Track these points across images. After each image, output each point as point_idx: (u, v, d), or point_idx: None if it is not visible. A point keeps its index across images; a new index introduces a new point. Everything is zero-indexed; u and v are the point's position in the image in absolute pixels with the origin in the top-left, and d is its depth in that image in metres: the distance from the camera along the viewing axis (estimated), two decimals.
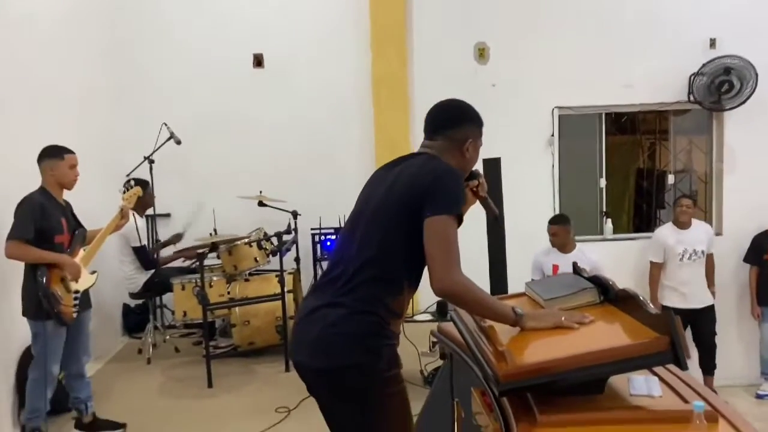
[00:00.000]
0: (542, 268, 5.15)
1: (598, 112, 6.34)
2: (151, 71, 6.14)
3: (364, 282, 1.98)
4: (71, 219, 3.78)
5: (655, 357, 1.70)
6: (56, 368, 3.64)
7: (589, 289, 2.12)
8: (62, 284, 3.57)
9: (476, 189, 2.24)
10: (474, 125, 2.20)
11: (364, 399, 1.99)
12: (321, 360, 1.98)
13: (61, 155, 3.66)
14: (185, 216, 6.01)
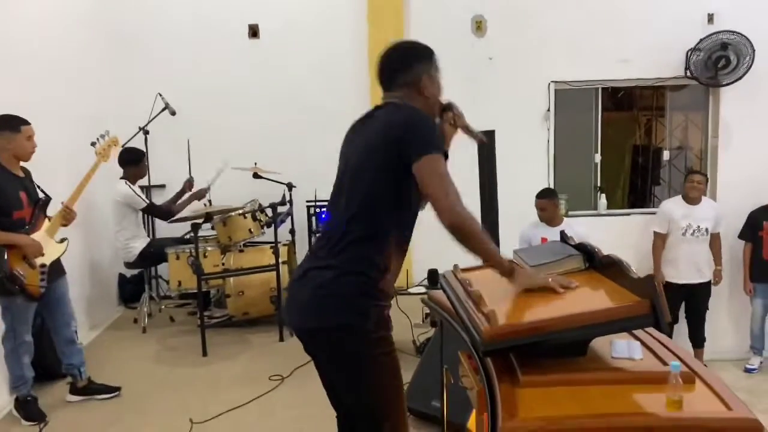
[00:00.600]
0: (530, 240, 5.17)
1: (594, 86, 6.32)
2: (146, 41, 6.10)
3: (350, 242, 2.02)
4: (32, 190, 3.65)
5: (635, 320, 1.73)
6: (29, 336, 3.64)
7: (574, 255, 2.16)
8: (24, 262, 3.46)
9: (454, 121, 2.24)
10: (422, 61, 2.16)
11: (352, 359, 2.03)
12: (311, 321, 2.04)
13: (17, 127, 3.50)
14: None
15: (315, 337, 2.07)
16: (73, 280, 5.02)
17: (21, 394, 3.68)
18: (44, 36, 4.74)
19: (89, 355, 4.65)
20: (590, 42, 6.08)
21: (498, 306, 1.92)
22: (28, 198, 3.60)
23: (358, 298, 2.00)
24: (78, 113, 5.10)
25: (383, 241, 2.02)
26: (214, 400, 3.83)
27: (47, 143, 3.95)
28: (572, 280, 1.97)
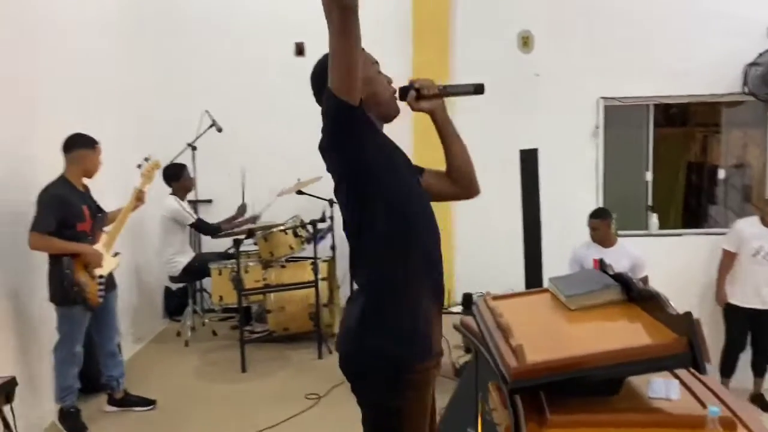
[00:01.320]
0: (582, 262, 5.02)
1: (646, 103, 6.13)
2: (194, 60, 6.23)
3: (354, 265, 1.94)
4: (92, 204, 3.83)
5: (672, 359, 1.63)
6: (80, 347, 3.75)
7: (612, 286, 2.05)
8: (86, 271, 3.64)
9: (420, 98, 2.01)
10: None
11: (375, 390, 1.91)
12: (338, 344, 1.96)
13: (92, 145, 3.75)
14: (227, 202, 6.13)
15: (346, 363, 1.95)
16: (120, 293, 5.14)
17: (65, 405, 3.76)
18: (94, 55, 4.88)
19: (132, 367, 4.77)
20: (642, 57, 5.89)
21: (528, 339, 1.84)
22: (90, 212, 3.77)
23: (386, 319, 1.86)
24: (126, 132, 5.23)
25: (374, 254, 1.92)
26: (249, 419, 3.83)
27: (104, 158, 4.04)
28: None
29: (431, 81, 2.01)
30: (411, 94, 2.00)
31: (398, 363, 1.82)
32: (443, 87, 2.02)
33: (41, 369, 3.83)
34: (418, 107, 2.02)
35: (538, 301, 2.24)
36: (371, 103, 1.90)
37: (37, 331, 3.84)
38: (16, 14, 3.89)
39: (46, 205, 3.53)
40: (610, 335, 1.81)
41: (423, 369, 1.85)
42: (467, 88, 2.02)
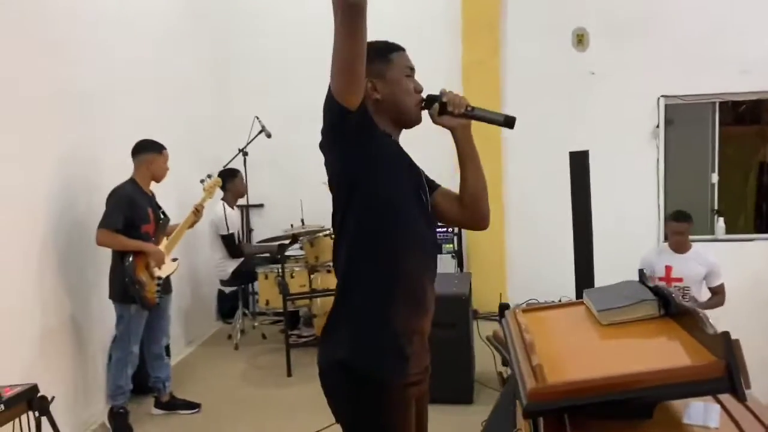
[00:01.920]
0: (653, 268, 4.62)
1: (710, 101, 5.81)
2: (246, 65, 6.31)
3: (340, 276, 1.85)
4: (157, 209, 3.97)
5: (707, 383, 1.48)
6: (136, 348, 3.85)
7: (648, 301, 1.91)
8: (147, 271, 3.78)
9: (444, 113, 1.86)
10: (367, 64, 1.76)
11: (346, 405, 1.84)
12: (318, 357, 1.88)
13: (159, 150, 3.90)
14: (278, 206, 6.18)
15: (320, 377, 1.91)
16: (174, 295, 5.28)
17: (116, 405, 3.85)
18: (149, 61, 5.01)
19: (182, 370, 4.86)
20: (705, 52, 5.60)
21: (552, 357, 1.73)
22: (154, 216, 3.91)
23: (355, 330, 1.78)
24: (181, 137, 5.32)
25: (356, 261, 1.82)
26: (291, 424, 3.82)
27: None
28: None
29: (462, 98, 1.88)
30: (435, 107, 1.87)
31: (367, 379, 1.75)
32: (472, 109, 1.87)
33: (96, 368, 3.95)
34: (440, 121, 1.88)
35: (570, 315, 2.11)
36: (390, 105, 1.85)
37: (94, 331, 3.98)
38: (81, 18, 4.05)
39: (115, 204, 3.69)
40: (641, 355, 1.67)
41: (396, 387, 1.77)
42: (498, 116, 1.90)
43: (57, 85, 3.78)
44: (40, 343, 3.54)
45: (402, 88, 1.86)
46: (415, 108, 1.88)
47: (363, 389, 1.76)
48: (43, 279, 3.57)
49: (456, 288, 4.20)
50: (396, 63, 1.86)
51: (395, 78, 1.85)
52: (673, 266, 4.54)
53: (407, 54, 1.91)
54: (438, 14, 6.00)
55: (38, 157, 3.58)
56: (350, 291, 1.80)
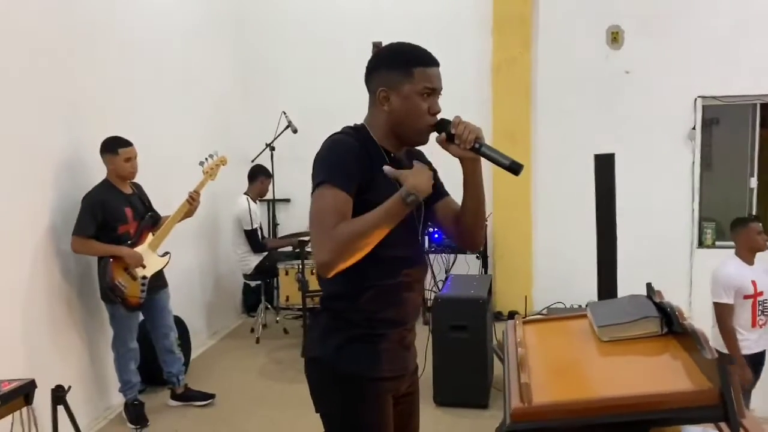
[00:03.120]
0: (743, 284, 4.15)
1: (750, 102, 5.59)
2: (274, 61, 6.33)
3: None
4: (139, 206, 3.87)
5: (699, 411, 1.40)
6: (134, 344, 3.87)
7: (651, 318, 1.82)
8: (126, 273, 3.72)
9: (452, 142, 1.76)
10: (386, 70, 1.78)
11: (320, 398, 1.88)
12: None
13: (115, 150, 3.73)
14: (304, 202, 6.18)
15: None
16: (198, 288, 5.36)
17: (128, 398, 3.91)
18: (181, 59, 5.08)
19: (202, 362, 4.92)
20: (745, 51, 5.39)
21: (543, 374, 1.67)
22: (134, 214, 3.83)
23: (329, 328, 1.82)
24: (211, 133, 5.38)
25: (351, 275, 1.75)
26: (303, 419, 3.79)
27: (184, 158, 4.34)
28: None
29: (471, 132, 1.74)
30: (443, 135, 1.77)
31: (339, 375, 1.79)
32: (480, 146, 1.76)
33: (110, 362, 4.00)
34: (446, 148, 1.78)
35: (572, 328, 2.04)
36: (397, 120, 1.78)
37: (105, 327, 4.01)
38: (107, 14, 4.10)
39: (85, 209, 3.62)
40: (636, 376, 1.60)
41: (368, 381, 1.80)
42: (505, 159, 1.78)
43: (80, 83, 3.85)
44: (54, 335, 3.61)
45: (414, 107, 1.77)
46: (424, 130, 1.80)
47: (336, 384, 1.81)
48: (52, 273, 3.62)
49: (474, 291, 4.13)
50: (417, 79, 1.76)
51: (410, 95, 1.76)
52: (756, 279, 4.16)
53: (436, 71, 1.79)
54: (468, 10, 5.91)
55: (50, 155, 3.64)
56: (327, 293, 1.85)
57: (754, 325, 4.18)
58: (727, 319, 4.14)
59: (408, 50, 1.81)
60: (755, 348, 4.23)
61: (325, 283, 1.84)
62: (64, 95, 3.74)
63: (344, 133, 1.84)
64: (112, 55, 4.20)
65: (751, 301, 4.17)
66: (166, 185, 4.37)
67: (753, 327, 4.18)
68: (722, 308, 4.16)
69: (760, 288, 4.18)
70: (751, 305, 4.17)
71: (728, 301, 4.15)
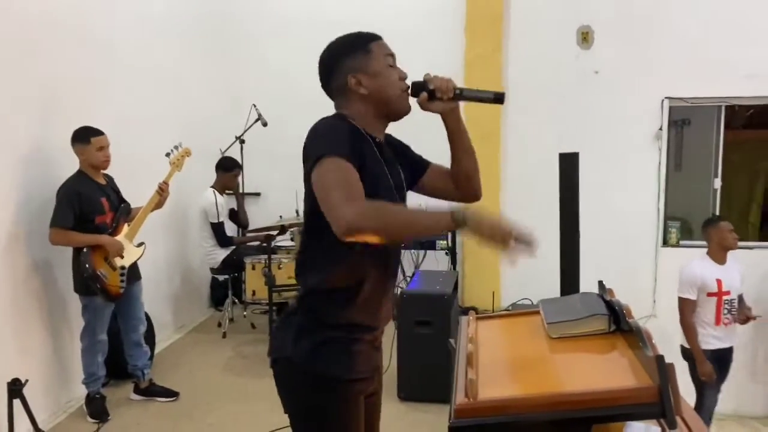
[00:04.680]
0: (704, 282, 4.36)
1: (715, 104, 5.68)
2: (245, 51, 6.27)
3: (299, 274, 1.86)
4: (113, 196, 3.85)
5: (639, 408, 1.43)
6: (104, 336, 3.82)
7: (599, 315, 1.85)
8: (106, 263, 3.69)
9: (434, 99, 1.82)
10: (345, 58, 1.80)
11: (290, 400, 1.85)
12: (269, 350, 1.91)
13: (87, 139, 3.67)
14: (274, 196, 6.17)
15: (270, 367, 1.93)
16: (163, 282, 5.31)
17: (91, 391, 3.86)
18: (147, 48, 5.00)
19: (167, 356, 4.88)
20: (712, 55, 5.47)
21: (491, 371, 1.69)
22: (109, 204, 3.80)
23: (302, 329, 1.78)
24: (180, 122, 5.31)
25: (321, 266, 1.77)
26: (265, 415, 3.80)
27: (153, 150, 4.23)
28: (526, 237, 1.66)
29: (448, 81, 1.83)
30: (423, 95, 1.83)
31: (313, 376, 1.76)
32: (460, 91, 1.84)
33: (73, 355, 3.95)
34: (429, 107, 1.84)
35: (525, 325, 2.06)
36: (377, 99, 1.80)
37: (70, 318, 3.97)
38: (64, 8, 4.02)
39: (62, 201, 3.57)
40: (581, 373, 1.62)
41: (342, 383, 1.78)
42: (487, 94, 1.87)
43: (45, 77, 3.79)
44: (16, 328, 3.56)
45: (388, 80, 1.81)
46: (403, 97, 1.83)
47: (309, 385, 1.78)
48: (15, 266, 3.56)
49: (440, 287, 4.16)
50: (376, 53, 1.81)
51: (379, 69, 1.80)
52: (722, 278, 4.36)
53: (384, 41, 1.85)
54: (442, 7, 5.92)
55: (15, 149, 3.57)
56: (306, 291, 1.81)
57: (718, 323, 4.31)
58: (688, 314, 4.29)
59: (354, 34, 1.86)
60: (718, 344, 4.35)
61: (304, 281, 1.81)
62: (32, 88, 3.68)
63: (333, 117, 1.81)
64: (80, 49, 4.13)
65: (715, 299, 4.29)
66: (135, 177, 4.31)
67: (717, 324, 4.32)
68: (684, 303, 4.35)
69: (726, 287, 4.30)
70: (716, 303, 4.30)
71: (691, 297, 4.30)
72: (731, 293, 4.36)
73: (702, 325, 4.35)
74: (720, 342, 4.37)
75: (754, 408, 5.77)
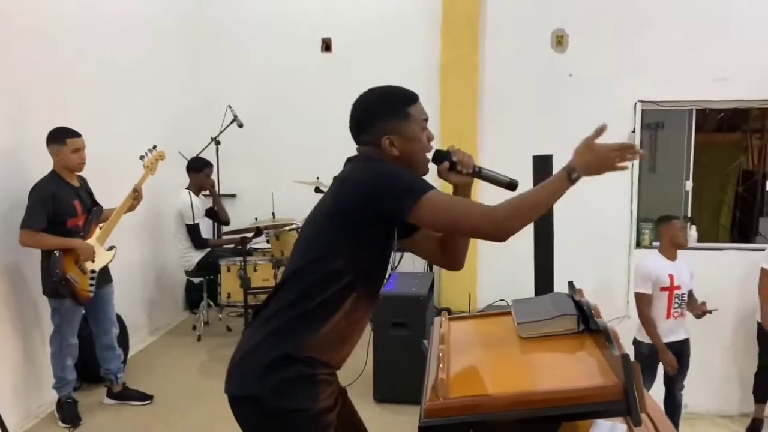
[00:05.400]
0: (659, 278, 4.53)
1: (687, 107, 5.77)
2: (221, 52, 6.24)
3: (276, 303, 1.79)
4: (86, 198, 3.80)
5: (605, 406, 1.46)
6: (74, 339, 3.77)
7: (568, 315, 1.88)
8: (77, 267, 3.63)
9: (453, 170, 1.91)
10: (384, 119, 1.84)
11: None
12: (227, 387, 1.83)
13: (63, 140, 3.61)
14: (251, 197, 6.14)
15: (230, 406, 1.83)
16: (138, 285, 5.25)
17: (62, 395, 3.81)
18: (129, 48, 4.97)
19: (141, 359, 4.83)
20: (684, 59, 5.55)
21: (460, 372, 1.70)
22: (82, 206, 3.75)
23: (270, 367, 1.72)
24: (154, 125, 5.26)
25: (318, 310, 1.75)
26: None
27: (130, 150, 4.17)
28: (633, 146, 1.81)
29: (470, 157, 1.94)
30: (445, 164, 1.92)
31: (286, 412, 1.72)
32: (479, 169, 1.94)
33: (44, 358, 3.89)
34: (446, 177, 1.94)
35: (497, 325, 2.09)
36: (406, 160, 1.86)
37: (41, 322, 3.91)
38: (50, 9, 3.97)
39: (34, 202, 3.51)
40: (550, 372, 1.65)
41: (315, 412, 1.73)
42: (503, 179, 1.96)
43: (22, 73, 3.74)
44: None
45: (420, 144, 1.88)
46: (426, 161, 1.92)
47: (278, 419, 1.73)
48: None
49: (415, 288, 4.17)
50: (414, 118, 1.87)
51: (414, 134, 1.86)
52: (674, 274, 4.52)
53: (421, 103, 1.91)
54: (419, 10, 5.94)
55: None
56: (279, 323, 1.75)
57: (668, 317, 4.52)
58: (645, 308, 4.51)
59: (395, 94, 1.90)
60: (672, 338, 4.55)
61: (301, 316, 1.74)
62: (4, 90, 3.63)
63: (387, 162, 1.86)
64: (53, 49, 4.08)
65: (667, 293, 4.47)
66: (109, 179, 4.26)
67: (667, 318, 4.53)
68: (640, 297, 4.54)
69: (678, 282, 4.49)
70: (668, 297, 4.48)
71: (646, 291, 4.50)
72: (682, 288, 4.55)
73: (654, 318, 4.52)
74: (672, 335, 4.55)
75: (729, 407, 5.87)
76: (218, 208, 5.61)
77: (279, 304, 1.78)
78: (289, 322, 1.75)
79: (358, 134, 1.90)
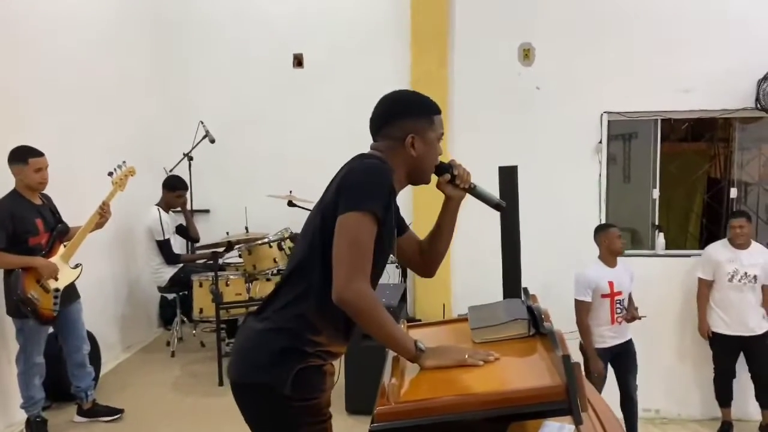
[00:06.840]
0: (598, 284, 4.72)
1: (651, 118, 5.91)
2: (192, 68, 6.26)
3: (286, 294, 1.89)
4: (49, 217, 3.77)
5: (549, 406, 1.50)
6: (40, 358, 3.74)
7: (519, 320, 1.93)
8: (39, 285, 3.60)
9: (449, 183, 2.01)
10: (414, 118, 1.92)
11: (266, 424, 1.90)
12: (233, 372, 1.94)
13: (25, 159, 3.61)
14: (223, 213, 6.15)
15: (234, 391, 1.95)
16: (111, 301, 5.23)
17: (30, 414, 3.77)
18: (92, 61, 4.96)
19: (114, 376, 4.80)
20: (648, 70, 5.70)
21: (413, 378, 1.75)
22: (45, 225, 3.73)
23: (281, 356, 1.84)
24: (124, 139, 5.26)
25: (318, 298, 1.83)
26: None
27: (98, 167, 4.13)
28: (491, 352, 1.75)
29: (468, 174, 2.05)
30: (446, 176, 2.01)
31: (291, 399, 1.83)
32: (474, 185, 2.06)
33: (11, 378, 3.85)
34: (444, 188, 2.04)
35: (453, 332, 2.13)
36: (418, 164, 1.94)
37: (7, 341, 3.87)
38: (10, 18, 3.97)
39: None
40: (500, 375, 1.69)
41: (318, 401, 1.89)
42: (493, 199, 2.10)
43: None
44: None
45: (434, 153, 1.97)
46: (432, 171, 2.01)
47: (293, 409, 1.84)
48: None
49: (386, 299, 4.20)
50: (436, 126, 1.96)
51: (432, 141, 1.95)
52: (614, 280, 4.69)
53: (441, 118, 2.00)
54: (388, 25, 6.02)
55: None
56: (291, 315, 1.86)
57: (612, 322, 4.68)
58: (583, 314, 4.69)
59: (425, 99, 2.00)
60: (616, 341, 4.71)
61: (303, 303, 1.85)
62: None
63: (382, 163, 1.89)
64: (19, 61, 4.08)
65: (608, 300, 4.60)
66: (76, 195, 4.26)
67: (612, 324, 4.67)
68: (579, 305, 4.70)
69: (618, 288, 4.64)
70: (609, 304, 4.62)
71: (586, 299, 4.62)
72: (622, 294, 4.70)
73: (599, 325, 4.67)
74: (617, 338, 4.72)
75: (701, 411, 5.96)
76: (189, 225, 5.61)
77: (289, 296, 1.87)
78: (299, 314, 1.84)
79: (382, 126, 1.95)
